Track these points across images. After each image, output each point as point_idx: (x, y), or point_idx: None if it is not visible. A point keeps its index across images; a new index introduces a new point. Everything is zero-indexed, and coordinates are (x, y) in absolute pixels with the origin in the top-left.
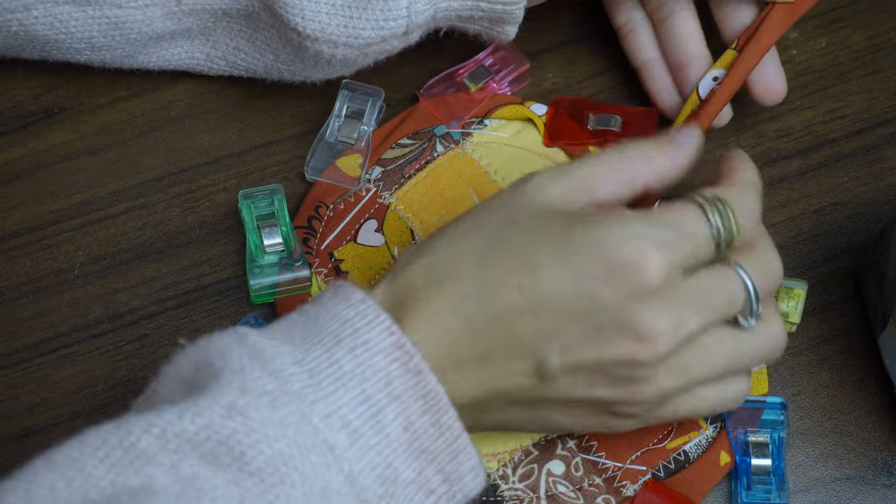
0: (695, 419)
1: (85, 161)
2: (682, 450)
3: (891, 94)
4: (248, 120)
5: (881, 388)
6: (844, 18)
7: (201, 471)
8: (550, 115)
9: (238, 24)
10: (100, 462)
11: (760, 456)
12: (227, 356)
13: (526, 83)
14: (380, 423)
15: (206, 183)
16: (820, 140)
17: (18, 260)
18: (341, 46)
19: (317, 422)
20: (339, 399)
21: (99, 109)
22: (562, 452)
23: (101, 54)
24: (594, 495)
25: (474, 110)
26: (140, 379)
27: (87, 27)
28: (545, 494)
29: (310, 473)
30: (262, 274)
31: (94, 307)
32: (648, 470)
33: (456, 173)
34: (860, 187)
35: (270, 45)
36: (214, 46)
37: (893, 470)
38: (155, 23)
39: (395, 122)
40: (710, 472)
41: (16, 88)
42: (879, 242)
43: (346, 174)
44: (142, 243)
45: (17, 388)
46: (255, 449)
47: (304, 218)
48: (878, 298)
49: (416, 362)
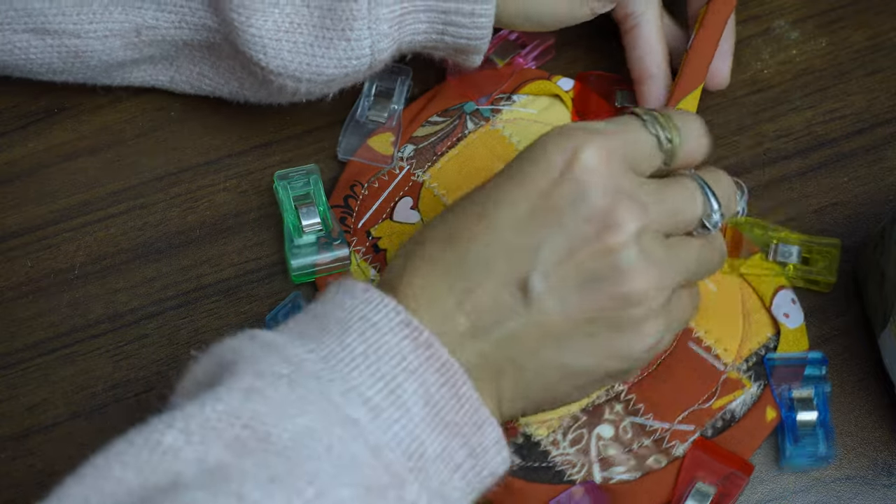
0: (714, 367)
1: (85, 161)
2: (727, 409)
3: (891, 94)
4: (248, 120)
5: (881, 388)
6: (844, 18)
7: (228, 458)
8: (577, 89)
9: (200, 52)
10: (126, 466)
11: (806, 410)
12: (240, 350)
13: (551, 56)
14: (400, 399)
15: (206, 183)
16: (820, 140)
17: (18, 260)
18: (304, 82)
19: (336, 398)
20: (355, 378)
21: (99, 109)
22: (610, 417)
23: (63, 77)
24: (645, 457)
25: (502, 86)
26: (140, 379)
27: (47, 55)
28: (596, 458)
29: (336, 445)
30: (302, 254)
31: (94, 307)
32: (696, 429)
33: (488, 150)
34: (860, 187)
35: (234, 74)
36: (178, 71)
37: (893, 470)
38: (115, 52)
39: (424, 100)
40: (757, 429)
41: (16, 88)
42: (880, 242)
43: (379, 153)
44: (142, 243)
45: (17, 388)
46: (278, 427)
47: (340, 197)
48: (879, 298)
49: (425, 337)
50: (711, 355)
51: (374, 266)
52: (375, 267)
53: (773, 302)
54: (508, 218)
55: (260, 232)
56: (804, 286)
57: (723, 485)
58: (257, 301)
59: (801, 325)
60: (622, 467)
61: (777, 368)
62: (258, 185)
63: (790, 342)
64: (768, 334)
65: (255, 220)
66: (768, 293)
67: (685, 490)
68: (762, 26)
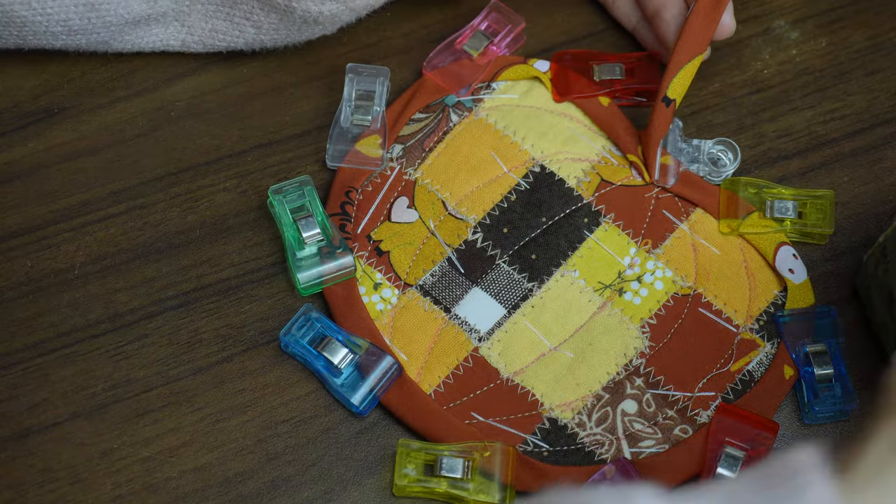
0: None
1: (85, 161)
2: (745, 370)
3: (891, 94)
4: (248, 120)
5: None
6: (844, 18)
7: None
8: (554, 70)
9: (214, 3)
10: None
11: (822, 364)
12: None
13: (523, 42)
14: None
15: (206, 183)
16: (820, 140)
17: (18, 260)
18: (328, 3)
19: None
20: None
21: (99, 109)
22: (631, 392)
23: (77, 39)
24: (670, 427)
25: (480, 76)
26: (140, 379)
27: (65, 9)
28: (624, 434)
29: None
30: (306, 266)
31: (94, 307)
32: (718, 395)
33: (475, 140)
34: (860, 187)
35: (251, 18)
36: (190, 32)
37: None
38: (131, 5)
39: (405, 99)
40: (777, 387)
41: (16, 88)
42: (882, 259)
43: (369, 156)
44: (142, 243)
45: (17, 388)
46: None
47: (336, 204)
48: (889, 318)
49: None
50: (722, 318)
51: (378, 269)
52: (380, 270)
53: (776, 258)
54: None
55: (260, 232)
56: (802, 240)
57: (751, 447)
58: (257, 301)
59: (805, 280)
60: (650, 441)
61: (788, 325)
62: (258, 185)
63: (797, 297)
64: (775, 291)
65: (255, 220)
66: (770, 250)
67: (715, 456)
68: (762, 26)
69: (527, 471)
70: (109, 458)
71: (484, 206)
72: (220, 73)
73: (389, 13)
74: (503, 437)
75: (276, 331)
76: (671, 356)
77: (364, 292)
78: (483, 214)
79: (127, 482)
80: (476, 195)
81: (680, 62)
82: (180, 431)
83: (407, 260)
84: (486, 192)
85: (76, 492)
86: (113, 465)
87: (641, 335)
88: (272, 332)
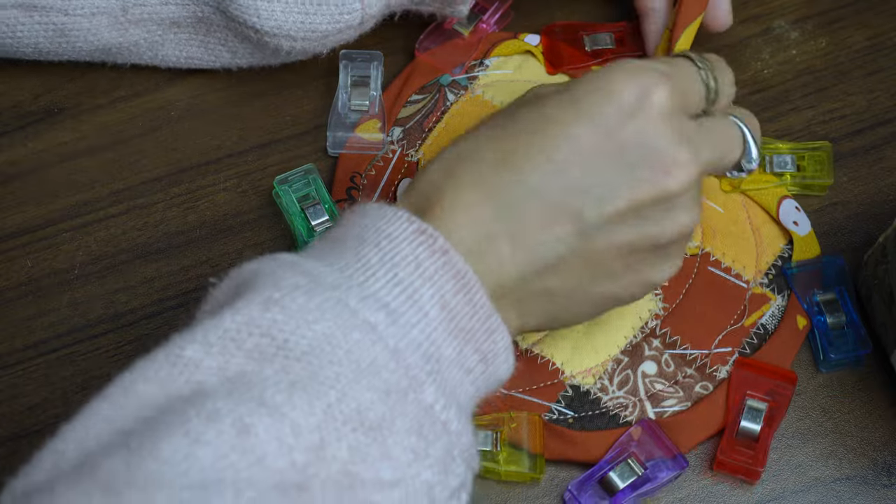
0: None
1: (85, 161)
2: (759, 324)
3: (891, 94)
4: (248, 120)
5: (881, 388)
6: (844, 18)
7: (248, 366)
8: (545, 43)
9: (187, 32)
10: (149, 381)
11: (833, 312)
12: (258, 270)
13: (511, 18)
14: (417, 303)
15: (206, 183)
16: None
17: (18, 260)
18: (299, 40)
19: (354, 304)
20: (372, 285)
21: (99, 109)
22: (650, 353)
23: (49, 57)
24: (691, 385)
25: (473, 53)
26: None
27: (34, 33)
28: (646, 396)
29: (354, 350)
30: None
31: (94, 307)
32: (734, 350)
33: (474, 117)
34: (860, 187)
35: (226, 45)
36: (163, 60)
37: (893, 470)
38: (101, 32)
39: (400, 81)
40: (792, 338)
41: (16, 88)
42: (882, 259)
43: (369, 140)
44: (142, 243)
45: (17, 388)
46: (297, 334)
47: (342, 190)
48: (889, 318)
49: (440, 244)
50: (732, 275)
51: None
52: None
53: (780, 211)
54: (570, 152)
55: (260, 232)
56: (803, 192)
57: (772, 398)
58: None
59: (810, 231)
60: (672, 400)
61: (797, 276)
62: (258, 185)
63: (803, 249)
64: (781, 244)
65: (255, 220)
66: (773, 204)
67: (737, 410)
68: (762, 26)
69: (554, 439)
70: None
71: None
72: (219, 74)
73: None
74: (527, 407)
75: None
76: (685, 316)
77: None
78: None
79: None
80: None
81: (684, 23)
82: None
83: None
84: None
85: None
86: None
87: (654, 297)
88: None
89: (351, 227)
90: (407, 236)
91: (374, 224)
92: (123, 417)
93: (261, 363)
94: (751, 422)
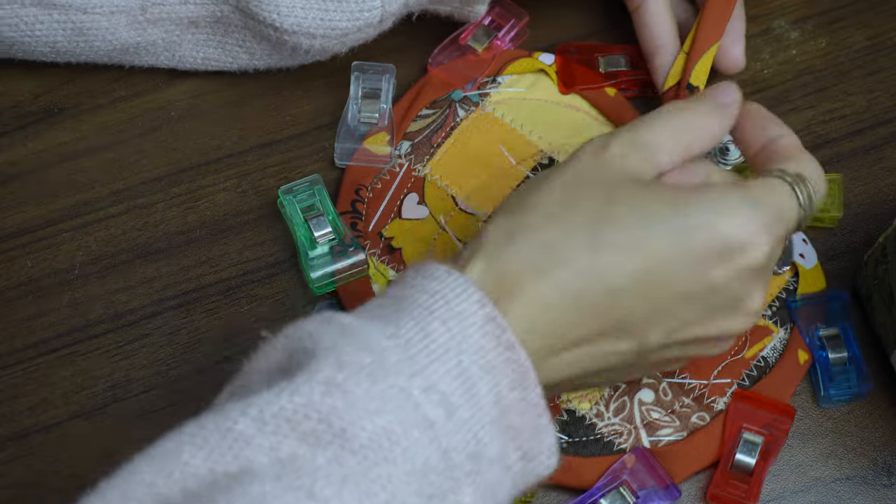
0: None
1: (85, 161)
2: (760, 356)
3: (891, 94)
4: (248, 120)
5: (881, 388)
6: (844, 18)
7: (301, 450)
8: (559, 63)
9: (205, 33)
10: (197, 450)
11: (836, 348)
12: (316, 335)
13: (527, 36)
14: (474, 396)
15: (206, 183)
16: (820, 140)
17: (18, 260)
18: (319, 38)
19: (417, 395)
20: (436, 371)
21: (99, 109)
22: (648, 381)
23: (66, 58)
24: (688, 415)
25: (486, 70)
26: (140, 379)
27: (52, 31)
28: (642, 423)
29: (412, 450)
30: (319, 265)
31: (94, 307)
32: (733, 381)
33: (483, 134)
34: (860, 187)
35: (244, 46)
36: (181, 61)
37: (893, 470)
38: (119, 31)
39: (411, 95)
40: (793, 372)
41: (16, 88)
42: (882, 260)
43: (377, 154)
44: (142, 243)
45: (17, 388)
46: (356, 426)
47: (346, 203)
48: (889, 318)
49: (507, 336)
50: None
51: (391, 266)
52: (393, 267)
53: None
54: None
55: (260, 232)
56: (812, 224)
57: (769, 432)
58: (257, 301)
59: (816, 264)
60: (668, 429)
61: (800, 310)
62: (258, 185)
63: (808, 282)
64: (786, 276)
65: (255, 220)
66: None
67: (733, 442)
68: (762, 26)
69: None
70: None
71: (494, 200)
72: (220, 74)
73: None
74: None
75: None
76: None
77: (378, 290)
78: (493, 208)
79: None
80: (485, 189)
81: (701, 49)
82: None
83: (419, 256)
84: (495, 186)
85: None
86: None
87: None
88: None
89: (416, 290)
90: (476, 321)
91: (444, 294)
92: (167, 486)
93: (314, 449)
94: (746, 455)
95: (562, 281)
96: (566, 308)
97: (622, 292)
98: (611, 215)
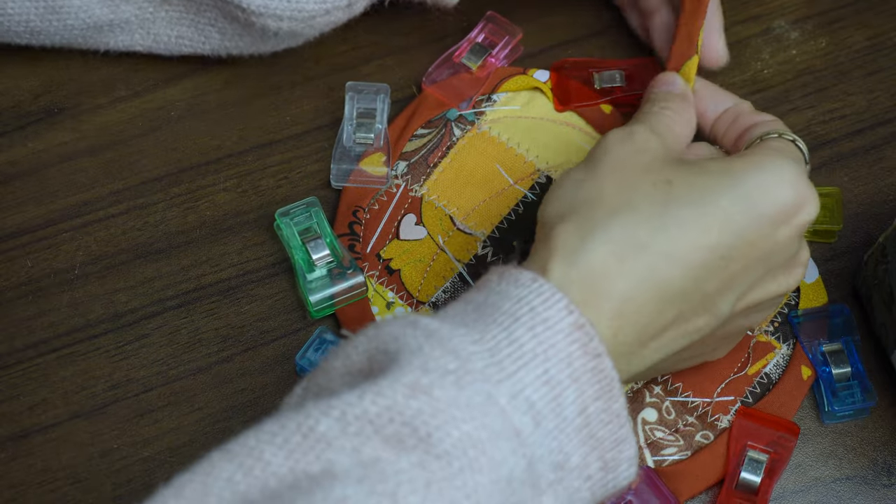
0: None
1: (85, 161)
2: (763, 373)
3: (891, 94)
4: (248, 120)
5: (881, 388)
6: (844, 18)
7: (384, 453)
8: (555, 80)
9: (178, 10)
10: (278, 449)
11: (839, 364)
12: (402, 339)
13: (520, 52)
14: (560, 406)
15: (206, 183)
16: (820, 140)
17: (18, 260)
18: (286, 20)
19: (504, 403)
20: (522, 379)
21: (99, 109)
22: (651, 400)
23: (41, 39)
24: (692, 434)
25: (480, 88)
26: (140, 379)
27: (25, 10)
28: (645, 443)
29: (498, 459)
30: (318, 288)
31: (94, 307)
32: (737, 399)
33: (480, 153)
34: (860, 187)
35: (216, 25)
36: (155, 40)
37: (893, 470)
38: (92, 9)
39: (407, 115)
40: (796, 388)
41: (16, 88)
42: (882, 260)
43: (373, 174)
44: (142, 243)
45: (17, 388)
46: (442, 430)
47: (344, 225)
48: (889, 318)
49: (594, 345)
50: None
51: (390, 288)
52: (392, 289)
53: None
54: (741, 250)
55: (260, 232)
56: (811, 238)
57: (773, 450)
58: (257, 301)
59: (817, 279)
60: (672, 448)
61: (803, 325)
62: (258, 185)
63: (810, 297)
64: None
65: (255, 220)
66: None
67: (738, 461)
68: (762, 26)
69: None
70: (109, 458)
71: (492, 219)
72: (219, 73)
73: (388, 12)
74: None
75: (277, 331)
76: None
77: (377, 312)
78: (492, 228)
79: (127, 482)
80: (483, 209)
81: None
82: (180, 431)
83: (418, 277)
84: (493, 206)
85: (76, 492)
86: (113, 465)
87: None
88: (272, 332)
89: (500, 295)
90: (563, 328)
91: (529, 300)
92: (248, 484)
93: (398, 452)
94: (751, 473)
95: (643, 269)
96: (651, 298)
97: (701, 268)
98: (671, 195)
